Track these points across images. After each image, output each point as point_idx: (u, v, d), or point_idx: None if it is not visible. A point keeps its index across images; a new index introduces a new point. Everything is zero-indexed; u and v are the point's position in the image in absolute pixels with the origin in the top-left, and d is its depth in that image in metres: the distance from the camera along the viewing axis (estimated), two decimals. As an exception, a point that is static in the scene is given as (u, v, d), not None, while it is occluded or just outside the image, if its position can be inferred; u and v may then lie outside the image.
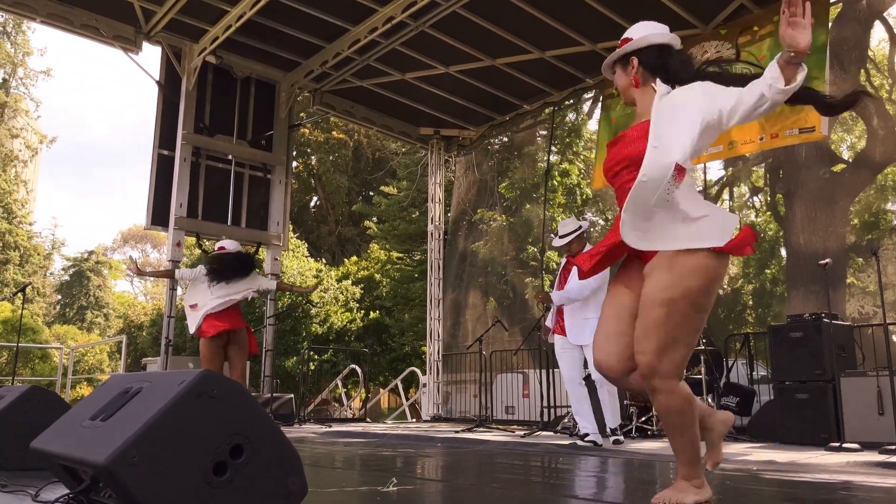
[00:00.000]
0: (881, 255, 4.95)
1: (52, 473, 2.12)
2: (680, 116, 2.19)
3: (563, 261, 5.72)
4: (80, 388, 22.45)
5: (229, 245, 6.36)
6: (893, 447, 4.41)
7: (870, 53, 14.11)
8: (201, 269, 6.27)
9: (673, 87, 2.31)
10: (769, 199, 18.58)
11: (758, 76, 2.08)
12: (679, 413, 2.15)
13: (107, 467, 1.55)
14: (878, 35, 14.39)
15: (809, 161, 12.82)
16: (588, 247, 5.16)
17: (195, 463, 1.68)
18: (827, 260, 5.54)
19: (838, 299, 11.98)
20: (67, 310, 33.20)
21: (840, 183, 13.34)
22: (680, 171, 2.14)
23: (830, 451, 4.80)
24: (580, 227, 5.43)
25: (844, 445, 4.87)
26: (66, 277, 34.54)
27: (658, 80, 2.31)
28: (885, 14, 13.26)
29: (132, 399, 1.86)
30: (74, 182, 67.33)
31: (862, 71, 13.60)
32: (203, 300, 6.08)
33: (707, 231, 2.14)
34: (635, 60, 2.38)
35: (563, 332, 5.50)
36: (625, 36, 2.44)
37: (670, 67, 2.32)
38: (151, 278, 42.90)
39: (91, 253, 35.44)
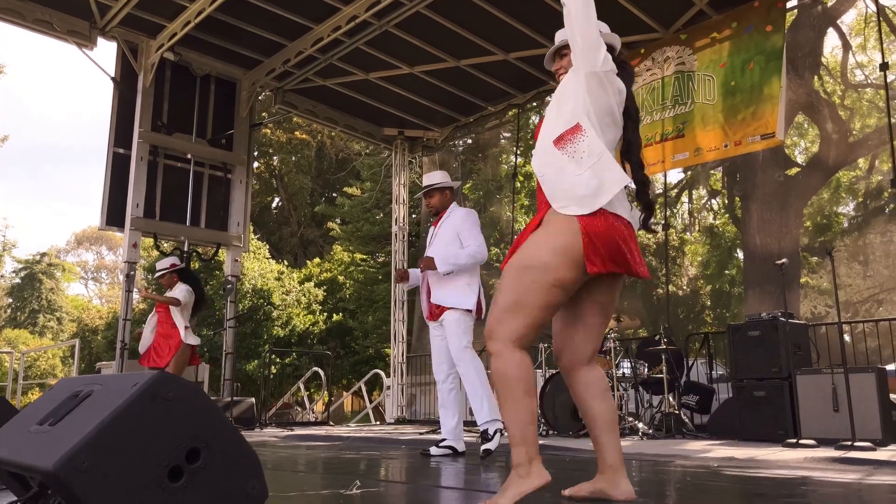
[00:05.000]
0: (834, 255, 5.07)
1: (-2, 481, 2.02)
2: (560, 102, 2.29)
3: (431, 230, 4.91)
4: (32, 393, 21.75)
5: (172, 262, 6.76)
6: (849, 443, 4.52)
7: (823, 60, 14.52)
8: (188, 290, 6.59)
9: None
10: (727, 201, 18.98)
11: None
12: (507, 380, 2.08)
13: (55, 473, 1.48)
14: (831, 42, 14.86)
15: (765, 164, 13.13)
16: (455, 205, 4.79)
17: (149, 468, 1.61)
18: (783, 260, 5.66)
19: (793, 299, 12.28)
20: (18, 313, 32.16)
21: (794, 186, 13.69)
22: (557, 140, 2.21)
23: (788, 447, 4.90)
24: (446, 183, 4.81)
25: (801, 441, 4.97)
26: (17, 280, 33.46)
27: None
28: (838, 21, 13.65)
29: (82, 402, 1.78)
30: (26, 181, 65.34)
31: (816, 77, 13.99)
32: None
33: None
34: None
35: (433, 316, 4.69)
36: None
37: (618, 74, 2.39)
38: (107, 282, 41.90)
39: (43, 255, 34.42)
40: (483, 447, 4.34)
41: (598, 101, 2.22)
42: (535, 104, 10.46)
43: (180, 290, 6.55)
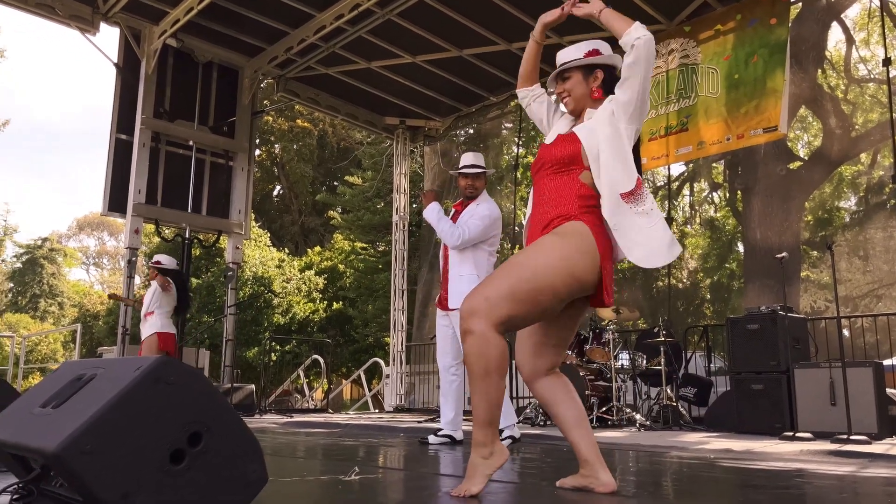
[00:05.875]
0: (834, 250, 5.07)
1: (1, 462, 2.04)
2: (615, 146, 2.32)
3: (452, 211, 4.87)
4: (33, 377, 21.84)
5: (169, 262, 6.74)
6: (845, 436, 4.55)
7: (827, 54, 14.46)
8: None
9: None
10: (728, 194, 18.96)
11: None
12: (481, 361, 2.08)
13: (58, 455, 1.50)
14: (835, 36, 14.76)
15: (767, 158, 13.10)
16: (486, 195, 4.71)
17: (151, 451, 1.63)
18: (783, 254, 5.66)
19: (793, 293, 12.29)
20: (20, 298, 32.22)
21: (796, 180, 13.67)
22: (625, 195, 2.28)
23: (785, 440, 4.93)
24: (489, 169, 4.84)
25: (798, 435, 5.00)
26: (19, 265, 33.49)
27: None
28: (842, 16, 13.58)
29: (85, 386, 1.80)
30: (28, 167, 65.28)
31: (819, 70, 13.94)
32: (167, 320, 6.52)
33: None
34: (601, 74, 2.44)
35: (443, 305, 4.66)
36: (590, 48, 2.48)
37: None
38: (108, 268, 41.96)
39: (45, 240, 34.45)
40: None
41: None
42: (537, 95, 10.44)
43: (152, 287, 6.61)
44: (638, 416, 6.25)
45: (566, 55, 2.49)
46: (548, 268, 2.16)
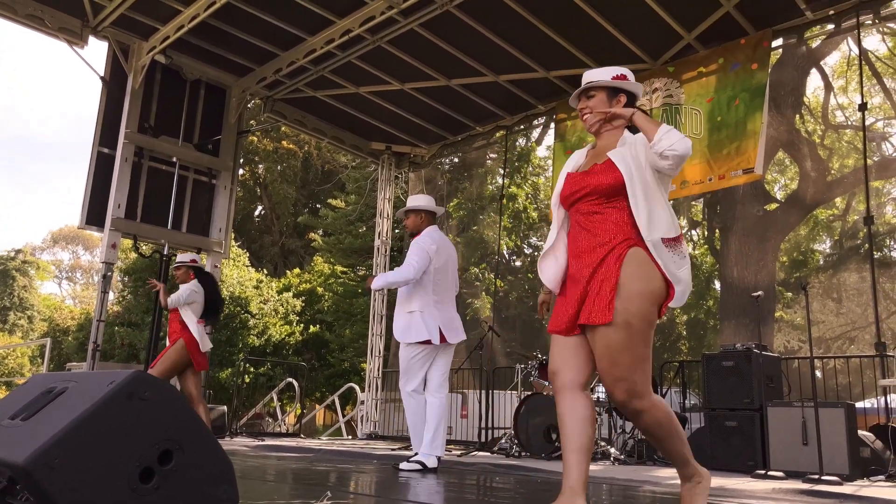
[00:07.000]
0: (809, 291, 5.15)
1: (-37, 476, 1.99)
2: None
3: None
4: (-2, 392, 21.31)
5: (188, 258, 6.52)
6: (816, 476, 4.57)
7: (805, 100, 14.83)
8: (193, 288, 6.36)
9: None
10: (706, 232, 19.21)
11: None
12: (668, 421, 2.37)
13: (25, 468, 1.46)
14: (814, 83, 15.14)
15: (746, 198, 13.32)
16: (430, 228, 4.97)
17: (120, 468, 1.60)
18: (759, 292, 5.74)
19: (767, 332, 12.42)
20: (-11, 310, 31.57)
21: (773, 221, 13.90)
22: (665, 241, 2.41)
23: (757, 478, 4.94)
24: (416, 206, 5.04)
25: (770, 473, 5.02)
26: (-10, 276, 32.87)
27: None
28: (822, 63, 13.97)
29: (56, 398, 1.77)
30: (4, 176, 64.37)
31: (797, 115, 14.27)
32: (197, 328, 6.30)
33: None
34: (624, 98, 2.52)
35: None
36: (618, 72, 2.55)
37: None
38: (81, 282, 41.27)
39: (18, 252, 33.90)
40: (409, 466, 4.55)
41: None
42: (522, 127, 10.56)
43: (183, 289, 6.38)
44: (613, 450, 6.24)
45: (593, 75, 2.56)
46: (652, 315, 2.32)
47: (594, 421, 2.37)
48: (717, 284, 17.81)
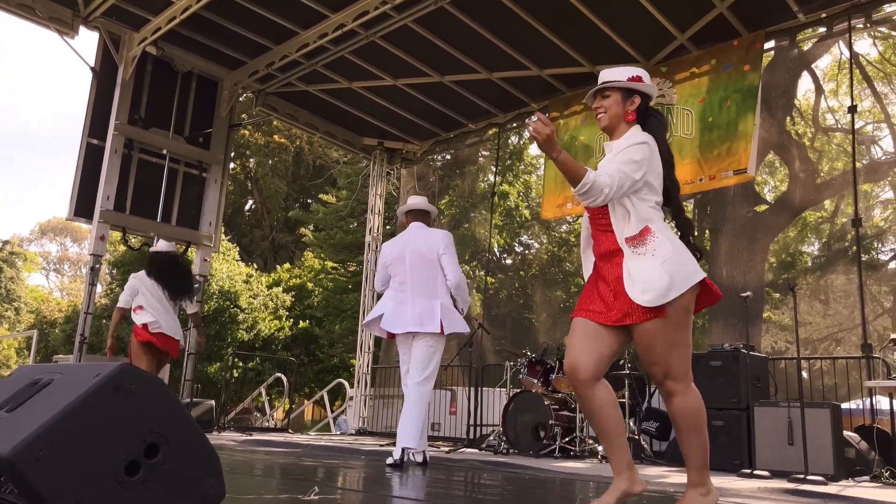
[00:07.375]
0: (796, 292, 5.18)
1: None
2: None
3: None
4: (-17, 384, 21.13)
5: (165, 246, 6.40)
6: (801, 476, 4.60)
7: (796, 102, 14.91)
8: (143, 277, 6.19)
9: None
10: (696, 233, 19.28)
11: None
12: (695, 414, 2.42)
13: (9, 460, 1.45)
14: (805, 85, 15.24)
15: (736, 199, 13.39)
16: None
17: (106, 461, 1.59)
18: (748, 293, 5.77)
19: (755, 333, 12.50)
20: (-25, 301, 31.27)
21: (762, 222, 13.98)
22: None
23: (742, 477, 4.97)
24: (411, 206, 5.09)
25: (756, 472, 5.05)
26: (-24, 267, 32.55)
27: (638, 126, 2.56)
28: (813, 66, 14.05)
29: (42, 390, 1.75)
30: (-7, 167, 63.78)
31: (788, 118, 14.35)
32: (155, 309, 6.06)
33: None
34: (638, 99, 2.56)
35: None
36: (634, 73, 2.58)
37: (650, 123, 2.59)
38: (64, 277, 40.98)
39: (6, 243, 33.58)
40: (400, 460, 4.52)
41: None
42: (514, 124, 10.56)
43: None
44: (600, 448, 6.26)
45: (609, 75, 2.59)
46: (690, 303, 2.42)
47: (617, 404, 2.49)
48: (707, 285, 17.86)
